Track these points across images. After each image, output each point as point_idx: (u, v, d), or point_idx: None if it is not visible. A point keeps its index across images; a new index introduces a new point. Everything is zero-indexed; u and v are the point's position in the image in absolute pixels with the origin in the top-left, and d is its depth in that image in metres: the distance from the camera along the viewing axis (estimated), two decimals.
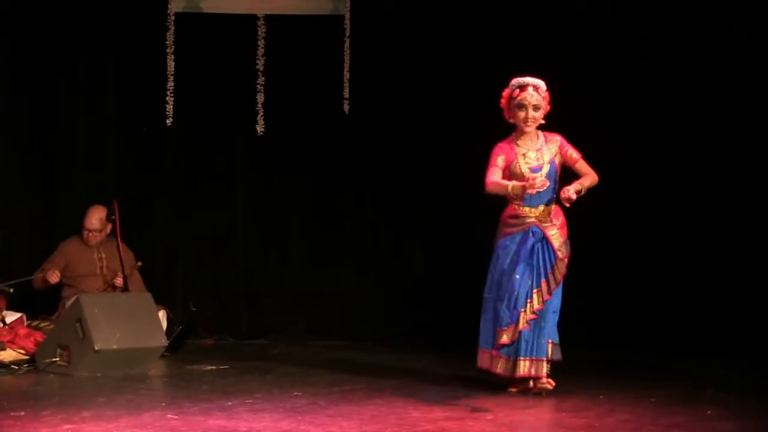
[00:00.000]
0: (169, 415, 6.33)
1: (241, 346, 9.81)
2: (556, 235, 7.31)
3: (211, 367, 8.35)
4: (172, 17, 10.14)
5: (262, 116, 10.28)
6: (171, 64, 10.14)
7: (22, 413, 6.28)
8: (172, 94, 10.13)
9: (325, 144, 10.36)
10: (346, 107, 10.26)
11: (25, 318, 8.91)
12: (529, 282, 7.24)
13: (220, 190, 10.40)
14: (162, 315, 8.78)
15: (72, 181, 10.06)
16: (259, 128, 10.27)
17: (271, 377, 7.92)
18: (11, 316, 8.83)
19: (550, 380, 7.20)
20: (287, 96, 10.30)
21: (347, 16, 10.25)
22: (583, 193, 7.24)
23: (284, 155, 10.37)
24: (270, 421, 6.21)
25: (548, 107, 7.38)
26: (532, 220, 7.30)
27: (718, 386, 7.47)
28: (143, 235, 9.79)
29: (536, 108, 7.28)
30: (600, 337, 9.33)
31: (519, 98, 7.28)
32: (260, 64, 10.26)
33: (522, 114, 7.30)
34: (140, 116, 10.19)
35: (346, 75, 10.24)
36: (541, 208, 7.30)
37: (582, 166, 7.40)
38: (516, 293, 7.21)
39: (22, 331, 8.53)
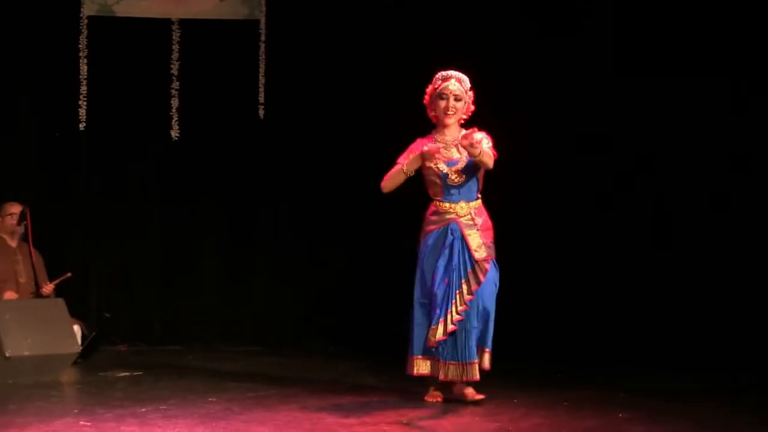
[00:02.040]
0: (82, 422, 6.26)
1: (154, 353, 9.77)
2: (474, 235, 7.08)
3: (124, 374, 8.29)
4: (85, 21, 10.07)
5: (176, 121, 10.23)
6: (84, 68, 10.06)
7: None
8: (85, 99, 10.05)
9: (240, 149, 10.34)
10: (261, 112, 10.25)
11: None
12: (449, 281, 7.03)
13: (134, 195, 10.33)
14: (77, 329, 8.66)
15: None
16: (174, 133, 10.23)
17: (185, 383, 7.87)
18: None
19: (476, 394, 7.02)
20: (202, 101, 10.26)
21: (263, 20, 10.25)
22: (478, 154, 6.83)
23: (199, 160, 10.33)
24: (184, 427, 6.17)
25: (473, 107, 7.23)
26: (452, 216, 7.10)
27: (630, 391, 7.55)
28: (55, 242, 9.69)
29: (457, 99, 7.12)
30: (512, 342, 9.40)
31: (440, 88, 7.14)
32: (174, 69, 10.22)
33: (443, 104, 7.13)
34: (53, 121, 10.09)
35: (262, 80, 10.23)
36: (462, 204, 7.10)
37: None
38: (436, 293, 7.04)
39: None
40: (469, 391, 7.06)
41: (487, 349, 7.10)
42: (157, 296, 10.30)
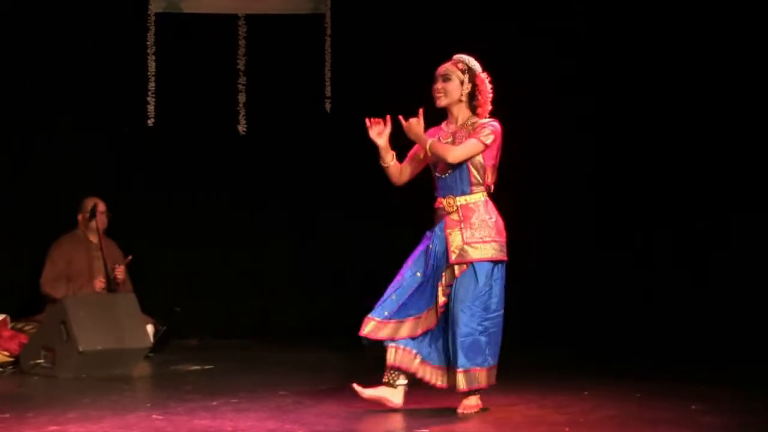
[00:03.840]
0: (154, 416, 6.32)
1: (225, 347, 9.82)
2: (456, 235, 6.40)
3: (195, 367, 8.35)
4: (153, 18, 10.15)
5: (243, 116, 10.29)
6: (152, 65, 10.14)
7: (7, 415, 6.26)
8: (153, 95, 10.13)
9: (306, 142, 10.38)
10: (327, 106, 10.28)
11: (8, 320, 8.89)
12: (427, 278, 6.46)
13: (203, 190, 10.40)
14: (150, 329, 8.72)
15: (54, 181, 9.98)
16: (241, 128, 10.29)
17: (256, 377, 7.90)
18: None
19: (468, 405, 6.42)
20: (269, 96, 10.31)
21: (328, 14, 10.27)
22: (425, 144, 6.44)
23: (265, 155, 10.38)
24: (255, 420, 6.20)
25: (483, 93, 6.53)
26: (442, 212, 6.51)
27: (704, 382, 7.50)
28: (125, 237, 9.76)
29: (446, 78, 6.56)
30: (583, 336, 9.38)
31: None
32: (241, 64, 10.28)
33: (433, 86, 6.65)
34: (121, 117, 10.18)
35: (327, 74, 10.26)
36: (450, 199, 6.46)
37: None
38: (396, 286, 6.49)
39: (6, 333, 8.51)
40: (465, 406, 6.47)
41: (459, 369, 6.34)
42: (227, 290, 10.36)
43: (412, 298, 6.45)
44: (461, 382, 6.34)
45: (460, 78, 6.58)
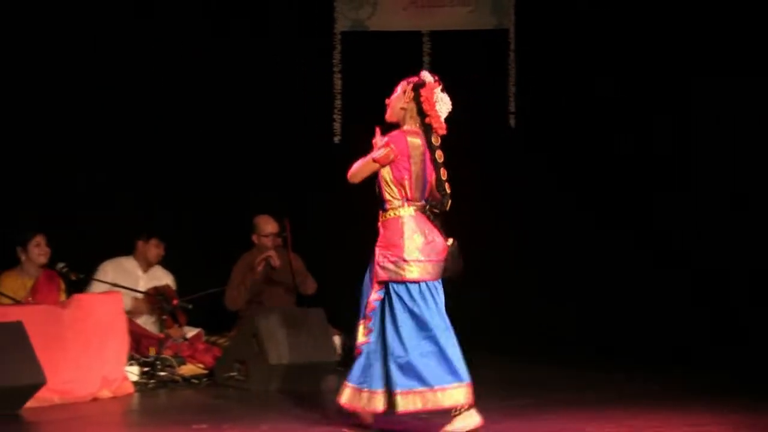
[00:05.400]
0: (344, 430, 6.43)
1: None
2: (376, 252, 6.29)
3: None
4: (339, 36, 10.31)
5: None
6: (338, 83, 10.30)
7: (204, 426, 6.46)
8: (339, 112, 10.28)
9: (491, 157, 10.39)
10: (512, 121, 10.28)
11: (203, 333, 9.16)
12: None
13: None
14: (337, 340, 8.87)
15: (240, 199, 10.22)
16: None
17: None
18: (191, 332, 9.09)
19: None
20: (453, 111, 10.34)
21: (512, 29, 10.27)
22: None
23: (450, 170, 10.40)
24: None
25: (428, 103, 6.63)
26: None
27: None
28: (321, 255, 9.86)
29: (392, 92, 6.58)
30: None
31: None
32: None
33: None
34: (308, 134, 10.36)
35: (512, 89, 10.26)
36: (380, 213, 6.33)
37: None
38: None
39: (201, 346, 8.76)
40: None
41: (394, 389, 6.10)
42: None
43: None
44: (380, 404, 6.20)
45: (403, 88, 6.58)
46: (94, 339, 7.62)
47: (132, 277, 9.29)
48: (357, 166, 6.33)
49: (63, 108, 9.75)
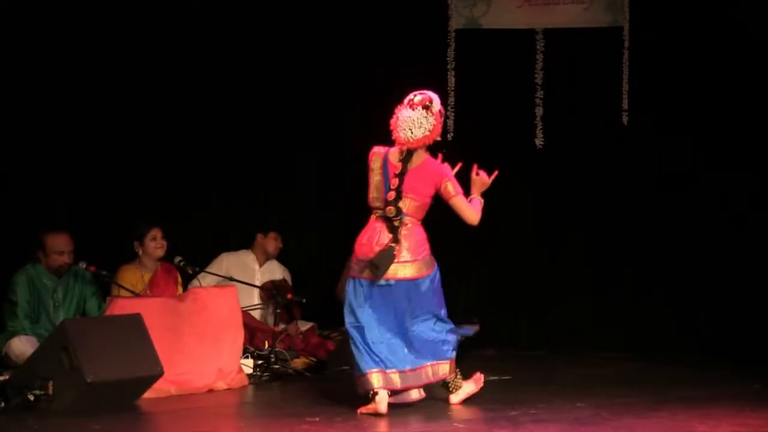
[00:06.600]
0: (455, 424, 6.49)
1: (522, 358, 9.90)
2: None
3: (493, 378, 8.44)
4: (453, 34, 10.35)
5: (540, 129, 10.35)
6: (451, 80, 10.34)
7: (317, 419, 6.57)
8: (453, 109, 10.32)
9: (603, 155, 10.34)
10: (625, 119, 10.22)
11: (316, 327, 9.28)
12: None
13: (498, 201, 10.48)
14: None
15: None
16: (538, 142, 10.35)
17: (553, 388, 7.95)
18: (304, 326, 9.22)
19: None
20: (565, 109, 10.34)
21: (626, 27, 10.21)
22: None
23: (563, 168, 10.41)
24: (556, 430, 6.28)
25: (394, 120, 7.51)
26: None
27: None
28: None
29: None
30: None
31: None
32: (538, 78, 10.34)
33: None
34: None
35: (625, 87, 10.20)
36: None
37: None
38: None
39: (315, 341, 8.89)
40: None
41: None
42: (525, 302, 10.42)
43: None
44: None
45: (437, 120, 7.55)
46: (210, 331, 7.77)
47: (249, 270, 9.45)
48: (478, 210, 7.61)
49: (177, 104, 9.95)
